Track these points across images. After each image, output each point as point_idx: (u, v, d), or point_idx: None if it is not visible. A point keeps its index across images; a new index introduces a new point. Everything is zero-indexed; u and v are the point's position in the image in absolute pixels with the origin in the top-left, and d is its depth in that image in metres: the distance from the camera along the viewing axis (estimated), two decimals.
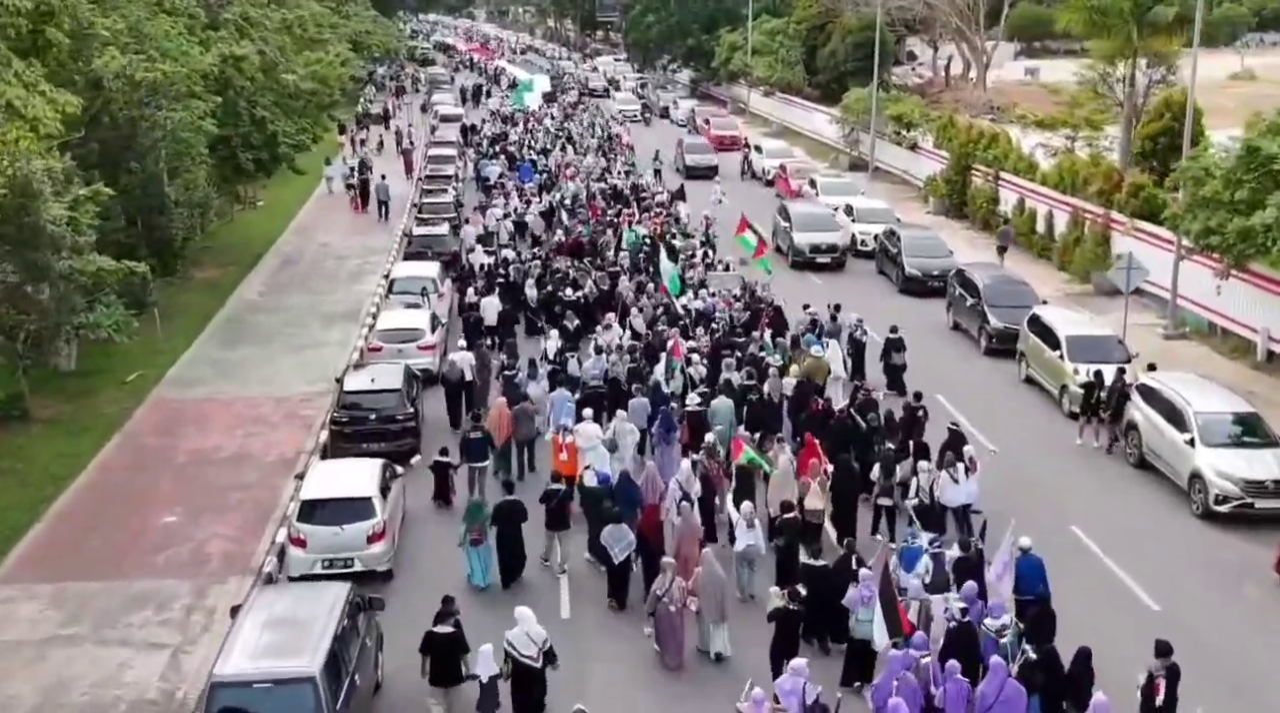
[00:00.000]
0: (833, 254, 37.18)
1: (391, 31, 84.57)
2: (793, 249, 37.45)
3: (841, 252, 37.43)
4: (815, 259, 37.04)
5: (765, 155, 53.28)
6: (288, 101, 38.77)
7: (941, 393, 25.88)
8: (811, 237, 37.53)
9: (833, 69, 70.86)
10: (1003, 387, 26.90)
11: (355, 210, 47.73)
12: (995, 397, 26.26)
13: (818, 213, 39.71)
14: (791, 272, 36.50)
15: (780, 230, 38.88)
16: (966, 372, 27.89)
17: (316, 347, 29.12)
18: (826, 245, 37.31)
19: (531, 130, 62.12)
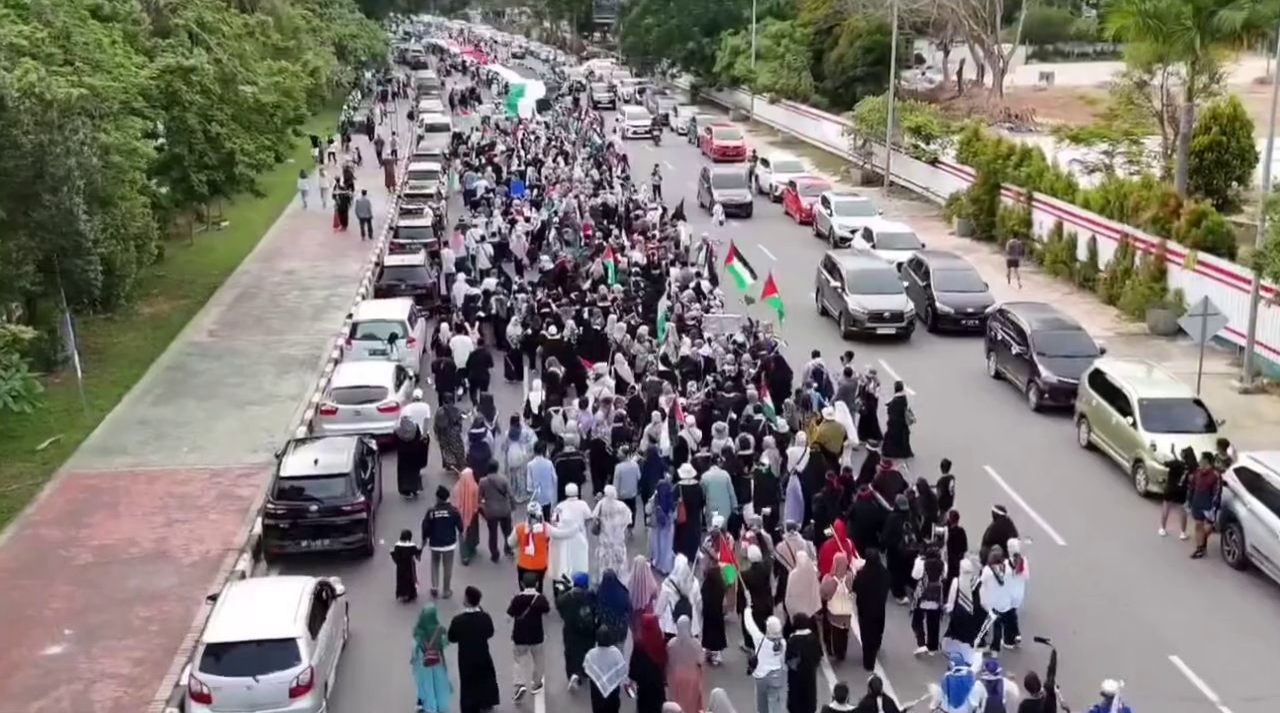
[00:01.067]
0: (897, 324, 29.57)
1: (377, 34, 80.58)
2: (846, 316, 30.00)
3: (908, 320, 29.80)
4: (876, 330, 29.59)
5: (773, 170, 49.49)
6: (251, 116, 34.98)
7: (985, 459, 22.23)
8: (870, 300, 29.81)
9: (840, 74, 67.23)
10: (1059, 453, 23.11)
11: (336, 229, 44.01)
12: (1050, 466, 22.49)
13: (876, 270, 31.55)
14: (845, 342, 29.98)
15: (828, 290, 31.63)
16: (1014, 433, 24.11)
17: (265, 402, 25.32)
18: (890, 312, 29.62)
19: (523, 140, 58.36)
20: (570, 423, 22.46)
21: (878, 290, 30.31)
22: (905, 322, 29.73)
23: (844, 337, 29.41)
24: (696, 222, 39.80)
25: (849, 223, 39.73)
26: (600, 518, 18.53)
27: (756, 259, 36.40)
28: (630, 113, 70.26)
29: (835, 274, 31.44)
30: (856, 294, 30.08)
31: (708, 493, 19.02)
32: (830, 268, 32.09)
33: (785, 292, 28.38)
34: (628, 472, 20.16)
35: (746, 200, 45.16)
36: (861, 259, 33.22)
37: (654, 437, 21.12)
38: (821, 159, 58.72)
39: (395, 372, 23.78)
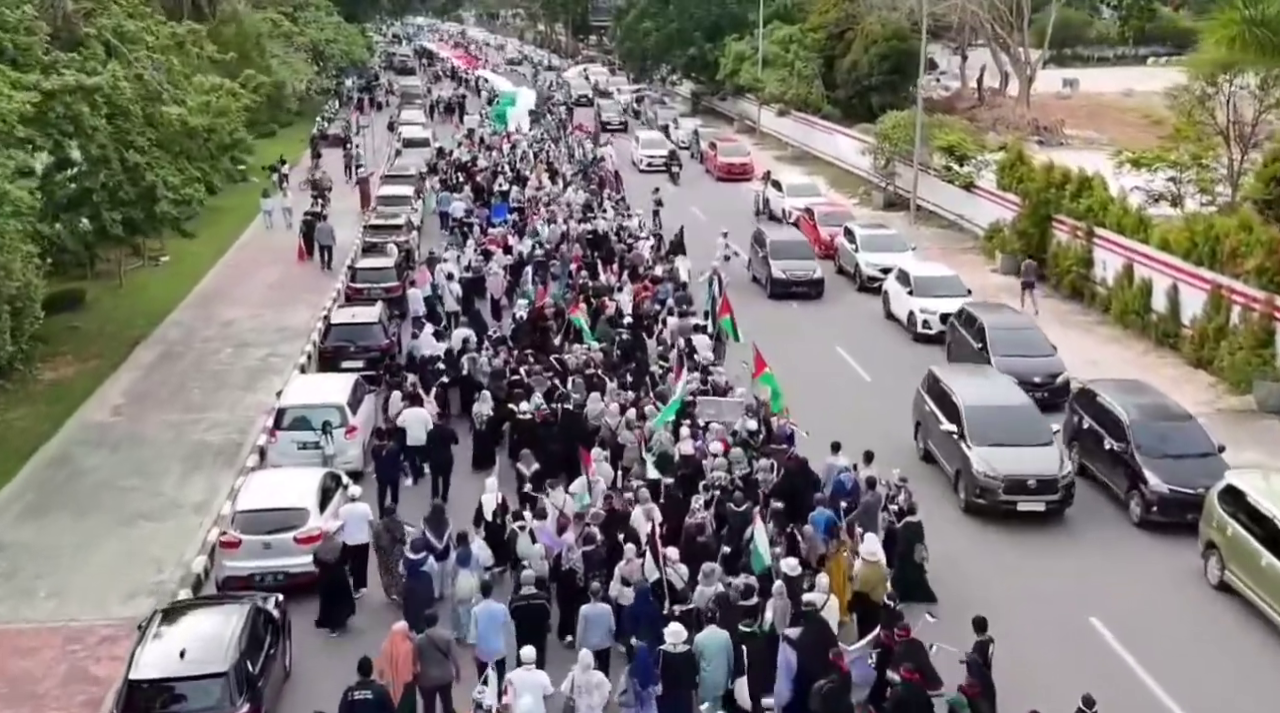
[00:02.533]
0: (1049, 498, 19.78)
1: (356, 39, 75.24)
2: (969, 480, 20.22)
3: (1066, 492, 19.94)
4: (1018, 506, 19.82)
5: (787, 193, 44.14)
6: (182, 141, 29.67)
7: (1083, 603, 17.03)
8: (1006, 460, 20.00)
9: (854, 83, 61.91)
10: (1181, 594, 17.84)
11: (301, 259, 38.75)
12: (1171, 615, 17.24)
13: (1010, 408, 21.31)
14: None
15: (936, 433, 21.70)
16: (1113, 561, 18.83)
17: (162, 515, 20.00)
18: (1038, 479, 19.76)
19: (509, 157, 53.05)
20: (537, 546, 17.39)
21: (1012, 437, 20.26)
22: (1061, 495, 19.74)
23: (965, 511, 20.32)
24: (701, 254, 34.46)
25: (878, 261, 34.47)
26: (572, 696, 13.63)
27: (781, 318, 31.65)
28: (645, 140, 58.90)
29: (947, 408, 21.45)
30: (984, 447, 20.15)
31: (703, 659, 14.32)
32: (938, 395, 22.08)
33: (809, 349, 23.20)
34: (597, 618, 15.32)
35: (816, 276, 34.01)
36: (982, 384, 22.44)
37: (627, 579, 16.02)
38: (836, 178, 53.45)
39: (322, 485, 18.47)
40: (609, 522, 17.73)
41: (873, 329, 31.08)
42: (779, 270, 34.17)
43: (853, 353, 28.81)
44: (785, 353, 28.43)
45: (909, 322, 30.27)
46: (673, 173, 52.99)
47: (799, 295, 33.82)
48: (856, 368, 27.85)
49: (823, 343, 29.78)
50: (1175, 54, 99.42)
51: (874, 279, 34.15)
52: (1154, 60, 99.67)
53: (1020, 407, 21.35)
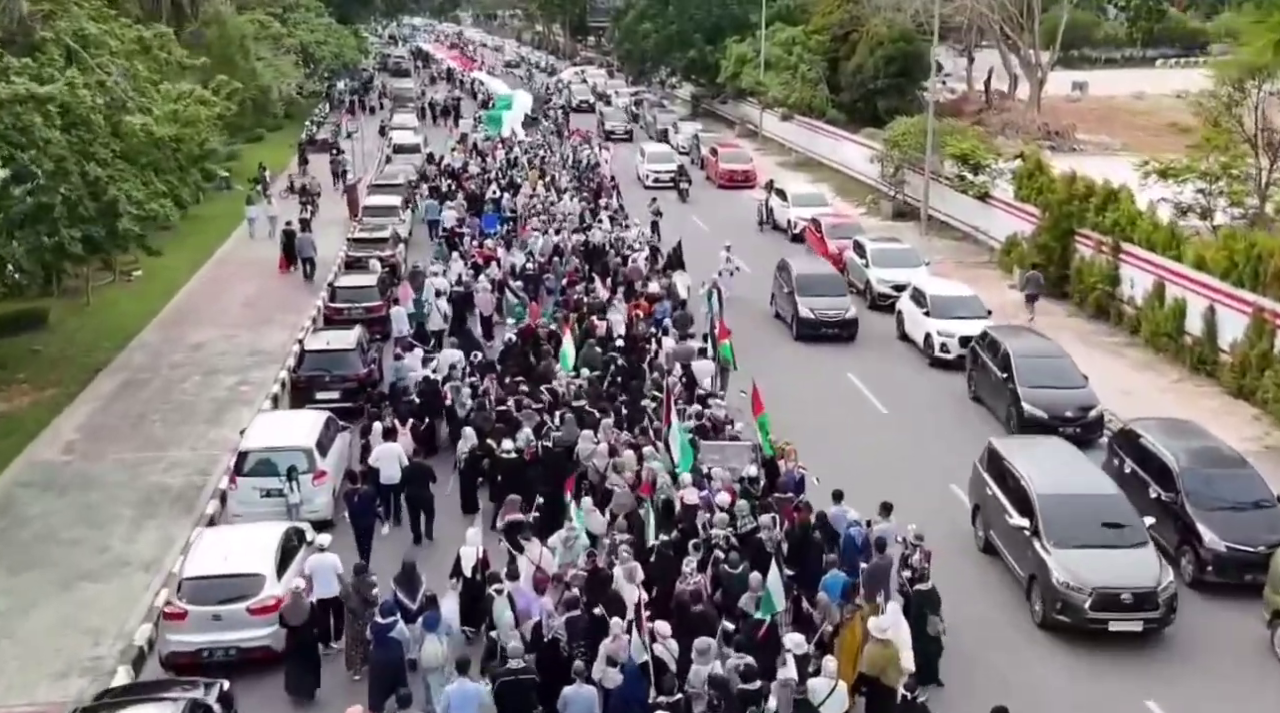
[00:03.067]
0: (1148, 616, 16.31)
1: (347, 41, 73.29)
2: (1047, 590, 16.73)
3: (1168, 607, 16.42)
4: (1109, 625, 16.40)
5: (792, 203, 42.14)
6: (151, 152, 27.67)
7: (1139, 684, 15.12)
8: (1090, 567, 16.49)
9: (859, 87, 59.95)
10: (1243, 667, 15.91)
11: (282, 271, 37.03)
12: (1233, 694, 15.31)
13: (1094, 497, 17.66)
14: None
15: (1001, 525, 18.25)
16: (1178, 623, 16.87)
17: (108, 573, 18.04)
18: (1133, 593, 16.24)
19: (502, 163, 51.10)
20: (509, 614, 15.56)
21: (1100, 537, 16.88)
22: (1162, 612, 16.30)
23: (1041, 626, 16.87)
24: (702, 270, 32.51)
25: (890, 278, 32.53)
26: None
27: (786, 340, 29.67)
28: (651, 154, 53.94)
29: (1014, 494, 17.93)
30: (1065, 549, 16.68)
31: None
32: (1000, 475, 18.52)
33: (818, 376, 21.24)
34: (580, 702, 13.56)
35: (849, 316, 29.96)
36: (1057, 464, 18.51)
37: (613, 658, 14.11)
38: (842, 185, 51.51)
39: (282, 544, 16.52)
40: (592, 583, 15.89)
41: (887, 353, 29.15)
42: (807, 309, 29.94)
43: (866, 380, 26.87)
44: (792, 380, 26.68)
45: (926, 345, 28.31)
46: (681, 190, 48.97)
47: (829, 338, 29.72)
48: (871, 397, 25.90)
49: (833, 368, 27.86)
50: (1184, 56, 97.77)
51: (886, 297, 32.23)
52: (1163, 62, 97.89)
53: (1108, 497, 17.52)
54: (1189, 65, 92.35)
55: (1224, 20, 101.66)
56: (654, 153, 54.50)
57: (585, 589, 15.80)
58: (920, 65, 60.98)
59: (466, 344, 27.33)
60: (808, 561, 16.47)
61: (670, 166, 51.71)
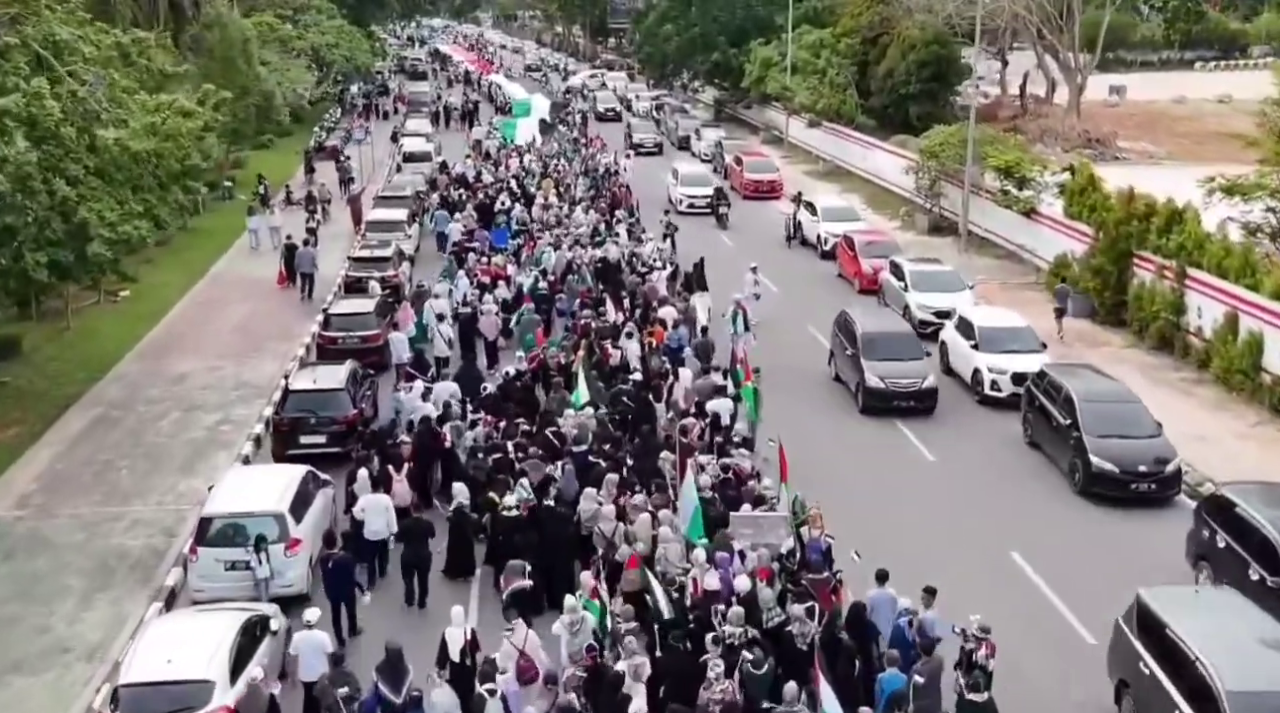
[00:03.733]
0: None
1: (359, 44, 71.09)
2: None
3: None
4: None
5: (822, 218, 39.57)
6: (130, 167, 25.37)
7: None
8: None
9: (890, 92, 57.43)
10: None
11: (281, 285, 34.93)
12: None
13: None
14: None
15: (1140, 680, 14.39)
16: None
17: (41, 667, 15.66)
18: None
19: (516, 172, 48.72)
20: None
21: None
22: None
23: None
24: (726, 286, 30.01)
25: (931, 303, 30.01)
26: None
27: (823, 378, 27.04)
28: (686, 175, 47.75)
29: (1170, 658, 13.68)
30: None
31: None
32: (1154, 634, 14.15)
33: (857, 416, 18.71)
34: None
35: (928, 385, 25.04)
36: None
37: None
38: (874, 196, 48.94)
39: (238, 640, 14.12)
40: (593, 686, 13.55)
41: None
42: (875, 377, 24.75)
43: (910, 423, 24.31)
44: (828, 423, 24.20)
45: (974, 382, 25.73)
46: (720, 215, 43.77)
47: (904, 411, 24.73)
48: (916, 444, 23.34)
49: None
50: (1224, 58, 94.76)
51: (927, 324, 29.67)
52: (1201, 65, 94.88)
53: None
54: (1229, 68, 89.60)
55: (1265, 21, 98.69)
56: (689, 174, 48.30)
57: (585, 693, 13.47)
58: (954, 69, 58.53)
59: (467, 379, 24.99)
60: (834, 665, 13.97)
61: (706, 190, 46.30)
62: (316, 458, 20.48)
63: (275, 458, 21.82)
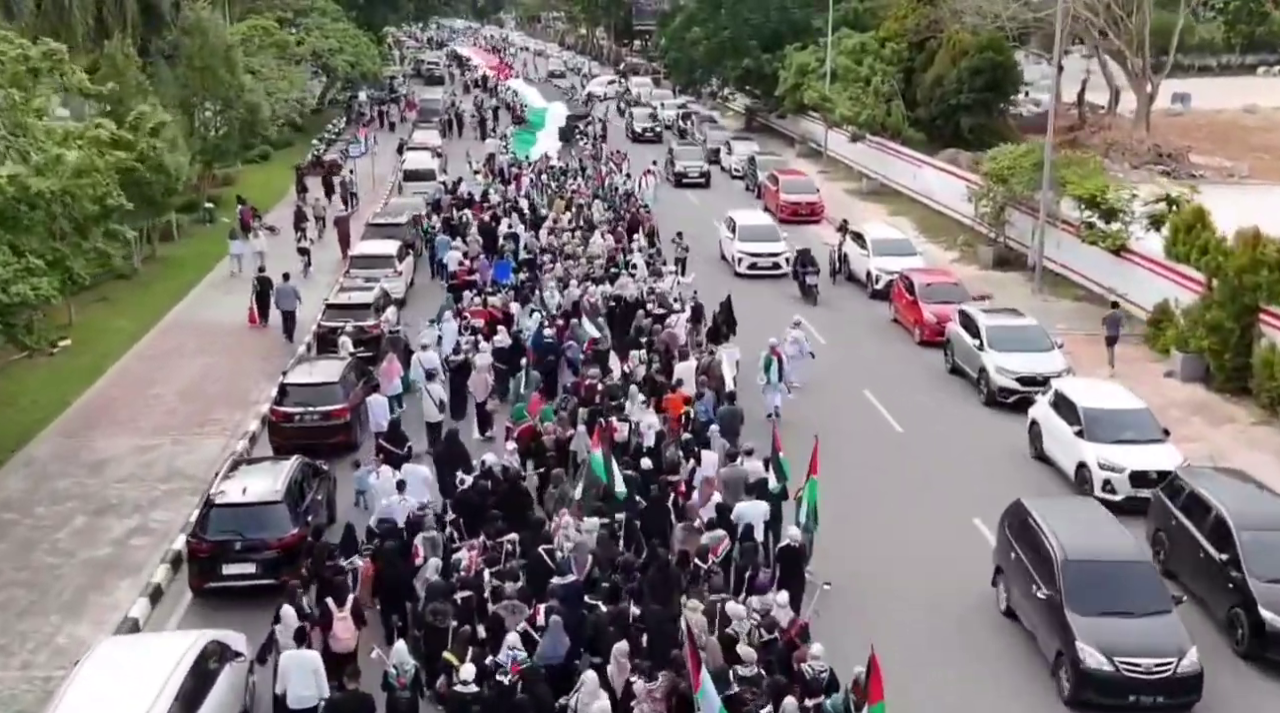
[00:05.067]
0: None
1: (367, 49, 66.37)
2: None
3: None
4: None
5: (873, 251, 34.44)
6: (30, 211, 20.52)
7: None
8: None
9: (939, 102, 52.24)
10: None
11: (253, 324, 30.56)
12: None
13: None
14: None
15: None
16: None
17: None
18: None
19: (528, 193, 43.87)
20: None
21: None
22: None
23: None
24: (760, 332, 25.05)
25: (1013, 366, 24.87)
26: None
27: (883, 446, 21.78)
28: (748, 227, 36.80)
29: None
30: None
31: None
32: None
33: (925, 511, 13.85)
34: None
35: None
36: None
37: None
38: (924, 220, 43.81)
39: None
40: None
41: (1019, 480, 21.39)
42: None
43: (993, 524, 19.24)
44: (888, 513, 19.28)
45: (1080, 479, 20.57)
46: (806, 286, 32.91)
47: None
48: None
49: (948, 504, 20.26)
50: None
51: (1009, 393, 24.65)
52: (1265, 70, 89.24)
53: None
54: None
55: None
56: (751, 226, 37.17)
57: None
58: (1011, 77, 53.31)
59: (449, 455, 20.27)
60: None
61: (774, 248, 35.74)
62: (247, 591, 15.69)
63: (193, 590, 17.07)
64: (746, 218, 38.61)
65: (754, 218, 39.03)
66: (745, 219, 38.26)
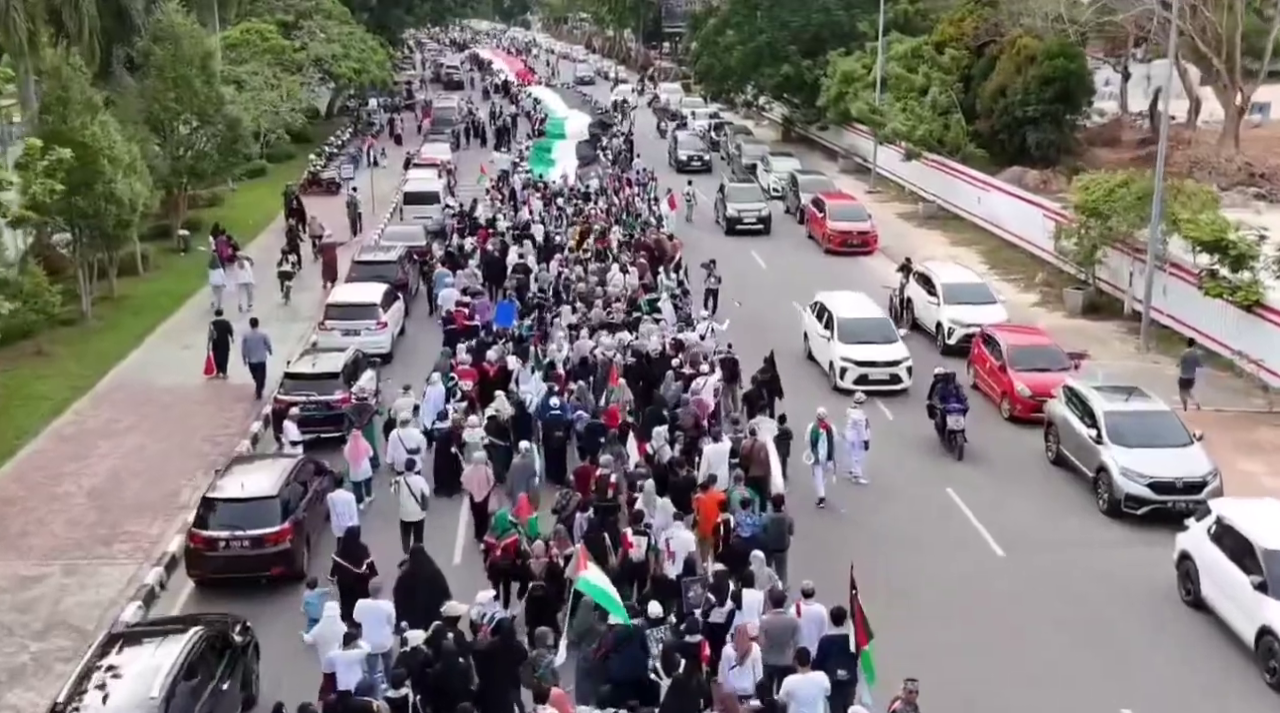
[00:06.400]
0: None
1: (371, 55, 61.40)
2: None
3: None
4: None
5: (944, 300, 29.00)
6: None
7: None
8: None
9: (1002, 113, 46.62)
10: None
11: (209, 375, 26.47)
12: None
13: None
14: None
15: None
16: None
17: None
18: None
19: (541, 217, 38.81)
20: None
21: None
22: None
23: None
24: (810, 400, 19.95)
25: (1145, 469, 19.46)
26: None
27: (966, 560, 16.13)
28: (850, 321, 26.37)
29: None
30: None
31: None
32: None
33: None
34: None
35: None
36: None
37: None
38: (993, 252, 38.40)
39: None
40: None
41: (1173, 645, 16.01)
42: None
43: (1140, 696, 13.95)
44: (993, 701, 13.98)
45: (1261, 648, 15.16)
46: (951, 437, 22.27)
47: None
48: None
49: (1080, 684, 14.91)
50: None
51: (1138, 503, 19.30)
52: None
53: None
54: None
55: None
56: (855, 319, 26.35)
57: None
58: (1084, 87, 47.74)
59: (417, 584, 15.40)
60: None
61: (895, 353, 25.59)
62: None
63: None
64: (847, 306, 27.10)
65: (858, 306, 27.32)
66: (845, 308, 26.90)
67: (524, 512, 17.42)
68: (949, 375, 22.76)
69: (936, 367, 23.29)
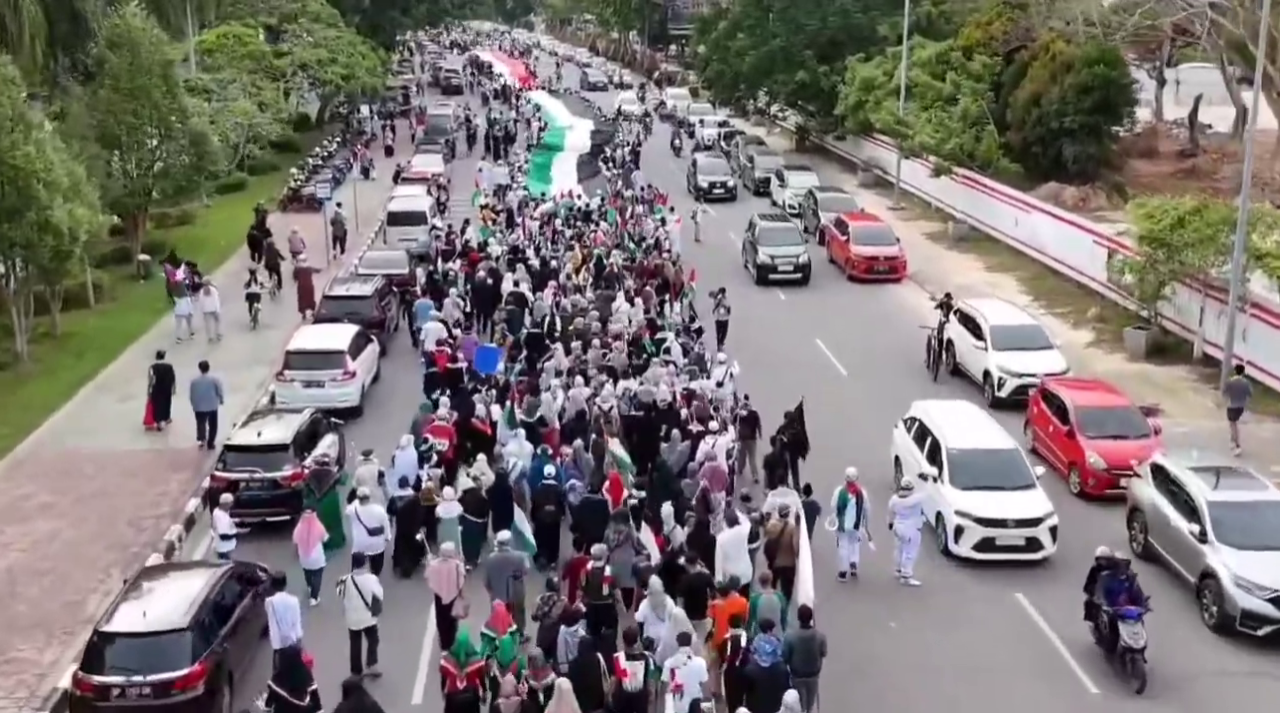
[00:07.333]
0: None
1: (359, 60, 57.80)
2: None
3: None
4: None
5: (993, 345, 25.27)
6: None
7: None
8: None
9: (1036, 124, 42.89)
10: None
11: (149, 425, 23.31)
12: None
13: None
14: None
15: None
16: None
17: None
18: None
19: (533, 237, 35.34)
20: None
21: None
22: None
23: None
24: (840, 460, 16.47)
25: (1264, 578, 15.83)
26: None
27: None
28: (964, 450, 18.76)
29: None
30: None
31: None
32: None
33: None
34: None
35: None
36: None
37: None
38: (1034, 280, 34.72)
39: None
40: None
41: None
42: None
43: None
44: None
45: None
46: (1125, 657, 15.15)
47: None
48: None
49: None
50: None
51: (1258, 621, 15.69)
52: None
53: None
54: None
55: None
56: (971, 451, 18.82)
57: None
58: (1125, 96, 44.05)
59: None
60: None
61: (1035, 509, 18.07)
62: None
63: None
64: (954, 423, 19.93)
65: (971, 419, 20.41)
66: (956, 433, 19.42)
67: (501, 623, 13.98)
68: (1118, 563, 15.62)
69: (1100, 548, 16.05)
